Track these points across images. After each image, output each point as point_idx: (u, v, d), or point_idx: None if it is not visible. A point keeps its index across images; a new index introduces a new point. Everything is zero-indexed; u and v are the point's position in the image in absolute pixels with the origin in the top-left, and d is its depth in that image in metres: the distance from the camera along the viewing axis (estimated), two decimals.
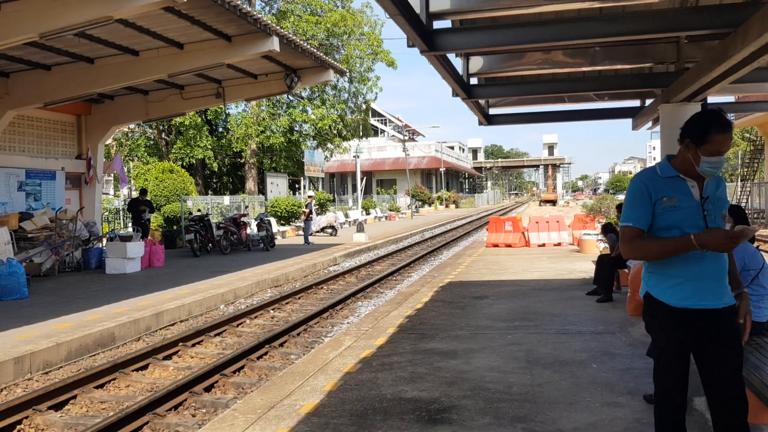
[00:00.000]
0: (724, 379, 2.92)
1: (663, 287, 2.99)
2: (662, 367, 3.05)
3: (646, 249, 2.96)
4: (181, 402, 6.14)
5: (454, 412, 4.63)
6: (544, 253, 16.23)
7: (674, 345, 2.99)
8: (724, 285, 2.96)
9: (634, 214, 2.97)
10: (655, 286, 3.03)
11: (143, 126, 31.51)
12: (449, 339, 6.94)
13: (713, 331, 2.93)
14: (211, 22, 11.54)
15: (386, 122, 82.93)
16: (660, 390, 3.06)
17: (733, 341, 2.94)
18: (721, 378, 2.93)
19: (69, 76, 13.39)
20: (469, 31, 7.23)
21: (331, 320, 10.09)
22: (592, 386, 5.14)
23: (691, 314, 2.93)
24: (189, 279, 12.86)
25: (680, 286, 2.93)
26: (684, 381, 3.01)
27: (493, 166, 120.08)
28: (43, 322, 8.73)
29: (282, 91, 17.15)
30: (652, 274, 3.06)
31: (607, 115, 13.25)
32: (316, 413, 4.70)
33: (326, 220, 27.48)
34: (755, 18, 5.61)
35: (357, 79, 33.37)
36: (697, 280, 2.90)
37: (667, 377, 3.03)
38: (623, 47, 8.71)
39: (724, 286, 2.95)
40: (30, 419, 5.80)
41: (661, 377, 3.05)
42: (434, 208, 59.97)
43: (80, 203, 16.72)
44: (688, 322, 2.93)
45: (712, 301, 2.91)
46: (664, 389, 3.04)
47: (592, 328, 7.36)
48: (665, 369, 3.04)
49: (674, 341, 2.98)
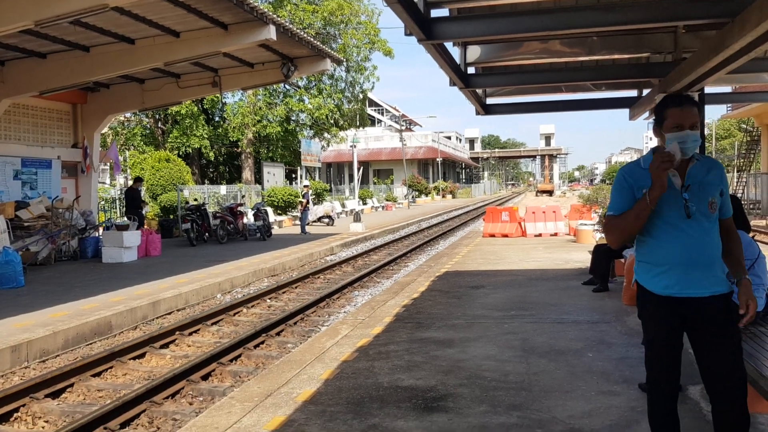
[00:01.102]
0: (717, 369, 2.91)
1: (649, 275, 3.01)
2: (652, 356, 3.07)
3: (617, 224, 3.00)
4: (178, 390, 6.17)
5: (451, 400, 4.65)
6: (540, 243, 16.26)
7: (662, 334, 3.00)
8: (712, 273, 2.91)
9: (615, 205, 3.03)
10: (642, 274, 3.06)
11: (139, 115, 31.41)
12: (446, 328, 6.96)
13: (701, 320, 2.92)
14: (207, 10, 11.47)
15: (383, 112, 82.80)
16: (650, 378, 3.08)
17: (724, 330, 2.91)
18: (713, 368, 2.93)
19: (64, 64, 13.31)
20: (467, 20, 7.22)
21: (327, 309, 10.11)
22: (588, 375, 5.17)
23: (676, 302, 2.93)
24: (186, 268, 12.86)
25: (665, 274, 2.94)
26: (674, 371, 3.01)
27: (490, 157, 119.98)
28: (40, 310, 8.73)
29: (279, 80, 17.09)
30: (640, 263, 3.08)
31: (605, 105, 13.25)
32: (313, 401, 4.72)
33: (323, 210, 27.48)
34: (753, 7, 5.61)
35: (354, 68, 33.24)
36: (682, 268, 2.90)
37: (656, 366, 3.05)
38: (621, 37, 8.70)
39: (712, 275, 2.91)
40: (27, 407, 5.81)
41: (651, 366, 3.07)
42: (431, 198, 59.97)
43: (76, 192, 16.68)
44: (674, 311, 2.94)
45: (697, 290, 2.90)
46: (654, 378, 3.06)
47: (587, 317, 7.39)
48: (655, 358, 3.05)
49: (663, 330, 3.00)
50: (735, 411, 2.90)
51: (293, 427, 4.22)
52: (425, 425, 4.18)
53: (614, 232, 3.05)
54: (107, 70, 13.29)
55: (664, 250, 2.94)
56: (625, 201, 2.98)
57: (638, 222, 2.92)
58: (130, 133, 32.41)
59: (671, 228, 2.91)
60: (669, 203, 2.90)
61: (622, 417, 4.24)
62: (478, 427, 4.12)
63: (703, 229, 2.89)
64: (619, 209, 3.00)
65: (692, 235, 2.88)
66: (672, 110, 2.90)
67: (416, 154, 66.84)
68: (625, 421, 4.17)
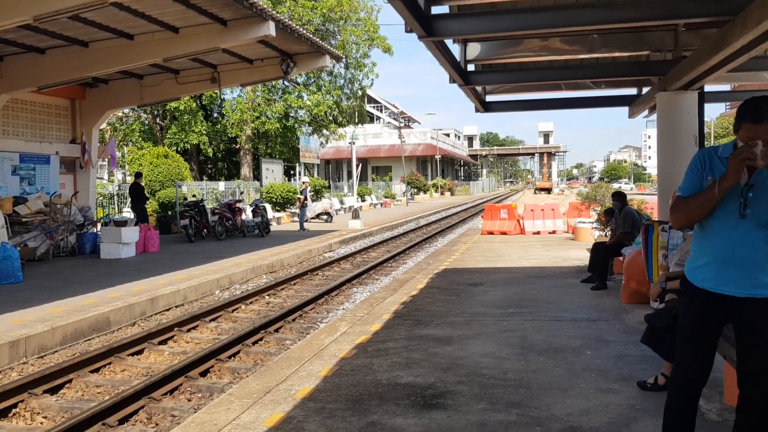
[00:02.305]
0: (747, 372, 2.88)
1: (692, 266, 3.01)
2: (678, 345, 3.05)
3: (681, 206, 2.94)
4: (176, 386, 6.16)
5: (449, 397, 4.65)
6: (539, 241, 16.27)
7: (690, 325, 2.99)
8: (752, 275, 2.80)
9: (685, 186, 2.97)
10: (688, 263, 3.06)
11: (138, 111, 31.32)
12: (444, 325, 6.96)
13: (740, 321, 2.89)
14: (207, 6, 11.43)
15: (382, 109, 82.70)
16: (673, 370, 3.07)
17: (758, 337, 2.83)
18: (744, 370, 2.90)
19: (63, 59, 13.27)
20: (468, 17, 7.21)
21: (326, 306, 10.10)
22: (586, 373, 5.17)
23: (709, 296, 2.90)
24: (184, 264, 12.85)
25: (706, 267, 2.92)
26: (697, 368, 2.97)
27: (489, 154, 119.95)
28: (38, 306, 8.72)
29: (278, 77, 17.07)
30: (691, 252, 3.08)
31: (604, 103, 13.27)
32: (311, 398, 4.71)
33: (321, 207, 27.46)
34: (754, 6, 5.60)
35: (353, 65, 33.19)
36: (723, 264, 2.85)
37: (681, 358, 3.03)
38: (621, 35, 8.70)
39: (752, 276, 2.80)
40: (25, 402, 5.80)
41: (677, 356, 3.05)
42: (429, 195, 59.97)
43: (74, 188, 16.63)
44: (706, 305, 2.92)
45: (733, 289, 2.84)
46: (676, 370, 3.05)
47: (586, 315, 7.39)
48: (681, 349, 3.03)
49: (690, 321, 2.99)
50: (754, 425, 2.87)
51: (292, 424, 4.22)
52: (424, 422, 4.18)
53: (677, 214, 2.98)
54: (106, 65, 13.24)
55: (709, 243, 2.91)
56: (696, 184, 2.92)
57: (702, 209, 2.85)
58: (129, 129, 32.33)
59: (722, 223, 2.86)
60: (732, 201, 2.83)
61: (620, 415, 4.24)
62: (477, 425, 4.12)
63: (752, 230, 2.81)
64: (687, 191, 2.93)
65: (740, 233, 2.81)
66: (748, 125, 2.75)
67: (415, 151, 66.81)
68: (623, 419, 4.17)
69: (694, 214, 2.90)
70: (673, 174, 8.92)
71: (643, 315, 5.09)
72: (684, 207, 2.92)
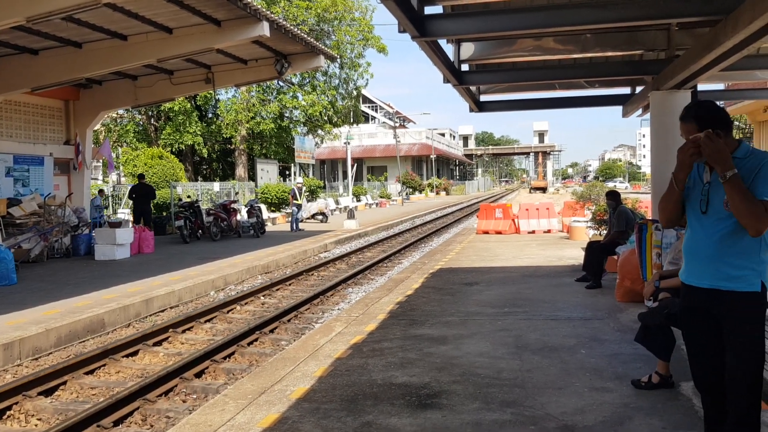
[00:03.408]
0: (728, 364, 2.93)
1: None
2: (686, 349, 3.23)
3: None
4: (171, 388, 6.15)
5: (444, 397, 4.66)
6: (534, 240, 16.30)
7: (684, 320, 3.16)
8: (714, 268, 2.91)
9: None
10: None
11: (132, 111, 31.25)
12: (439, 325, 6.97)
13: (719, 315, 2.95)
14: (201, 7, 11.42)
15: (377, 109, 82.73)
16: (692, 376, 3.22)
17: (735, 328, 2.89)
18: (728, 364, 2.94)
19: (57, 60, 13.23)
20: (461, 17, 7.22)
21: (321, 306, 10.10)
22: (581, 371, 5.19)
23: (688, 290, 3.07)
24: (179, 265, 12.83)
25: (685, 262, 3.10)
26: (701, 360, 3.06)
27: (484, 154, 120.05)
28: (33, 308, 8.69)
29: (272, 77, 17.04)
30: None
31: (598, 102, 13.29)
32: (306, 398, 4.72)
33: (317, 207, 27.43)
34: (745, 5, 5.63)
35: (348, 65, 33.18)
36: (692, 257, 3.03)
37: (688, 356, 3.19)
38: (614, 34, 8.72)
39: (714, 269, 2.91)
40: (20, 405, 5.79)
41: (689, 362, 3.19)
42: (425, 195, 60.00)
43: (69, 189, 16.59)
44: (686, 298, 3.09)
45: (699, 280, 2.99)
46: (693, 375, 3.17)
47: (580, 314, 7.41)
48: (686, 347, 3.22)
49: (684, 316, 3.15)
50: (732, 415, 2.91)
51: (287, 425, 4.22)
52: (419, 422, 4.19)
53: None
54: (100, 66, 13.22)
55: (686, 239, 3.10)
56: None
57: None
58: (123, 130, 32.25)
59: (691, 220, 3.05)
60: (695, 197, 3.00)
61: (614, 413, 4.26)
62: (471, 424, 4.13)
63: (712, 224, 2.92)
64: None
65: (704, 227, 2.96)
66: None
67: (410, 150, 66.81)
68: (617, 417, 4.18)
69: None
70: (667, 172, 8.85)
71: (637, 314, 5.12)
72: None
